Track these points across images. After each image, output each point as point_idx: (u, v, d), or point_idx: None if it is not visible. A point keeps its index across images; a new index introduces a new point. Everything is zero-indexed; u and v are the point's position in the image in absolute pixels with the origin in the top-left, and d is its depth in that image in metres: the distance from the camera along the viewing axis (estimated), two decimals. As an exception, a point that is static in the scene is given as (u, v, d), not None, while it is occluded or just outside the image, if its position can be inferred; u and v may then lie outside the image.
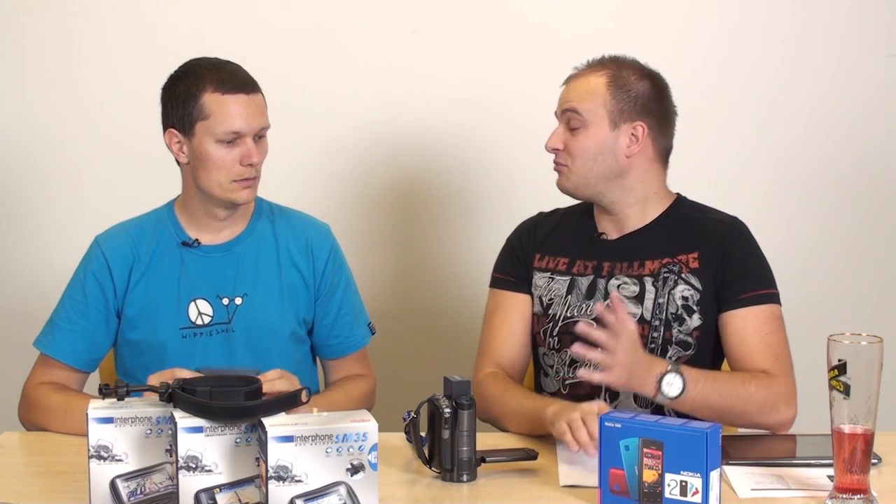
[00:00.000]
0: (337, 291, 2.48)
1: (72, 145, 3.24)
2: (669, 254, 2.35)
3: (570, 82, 2.41)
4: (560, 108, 2.40)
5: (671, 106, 2.40)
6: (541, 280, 2.43)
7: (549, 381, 2.40)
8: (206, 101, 2.29)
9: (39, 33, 3.21)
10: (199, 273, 2.39)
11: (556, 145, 2.38)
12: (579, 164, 2.35)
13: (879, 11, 3.22)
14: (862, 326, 1.95)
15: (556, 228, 2.48)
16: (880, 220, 3.28)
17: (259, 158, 2.33)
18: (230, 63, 2.36)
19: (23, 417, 2.37)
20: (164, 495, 1.82)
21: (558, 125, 2.40)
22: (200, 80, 2.30)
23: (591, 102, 2.34)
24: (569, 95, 2.39)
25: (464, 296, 3.26)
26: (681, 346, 2.32)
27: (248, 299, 2.40)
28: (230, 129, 2.29)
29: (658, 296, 2.33)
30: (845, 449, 1.79)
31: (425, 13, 3.22)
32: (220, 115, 2.28)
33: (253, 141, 2.32)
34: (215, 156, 2.30)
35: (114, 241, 2.42)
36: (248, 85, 2.32)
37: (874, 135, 3.25)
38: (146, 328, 2.38)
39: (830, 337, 1.81)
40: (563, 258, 2.43)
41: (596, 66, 2.40)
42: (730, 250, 2.33)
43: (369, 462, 1.74)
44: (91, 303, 2.38)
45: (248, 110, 2.30)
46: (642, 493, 1.78)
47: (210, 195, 2.35)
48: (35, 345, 2.42)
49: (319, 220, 2.55)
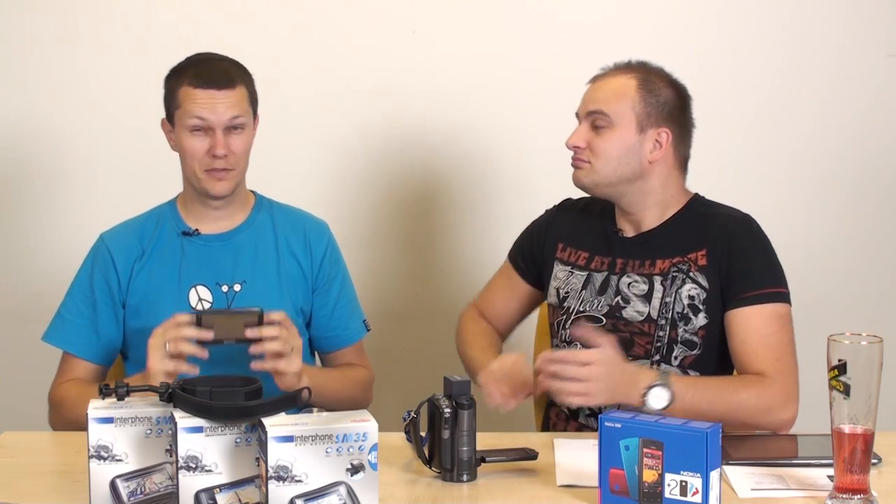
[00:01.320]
0: (334, 283, 2.53)
1: (73, 145, 3.24)
2: (680, 252, 2.36)
3: (598, 82, 2.39)
4: (585, 108, 2.38)
5: (692, 117, 2.42)
6: (561, 272, 2.46)
7: None
8: (181, 93, 2.39)
9: (41, 31, 3.21)
10: (198, 261, 2.45)
11: (579, 143, 2.36)
12: (602, 163, 2.34)
13: (879, 12, 3.22)
14: (862, 326, 1.95)
15: (579, 219, 2.50)
16: (880, 220, 3.28)
17: (228, 151, 2.37)
18: (219, 60, 2.42)
19: (52, 421, 2.42)
20: (164, 495, 1.82)
21: (581, 124, 2.38)
22: (180, 76, 2.40)
23: (619, 104, 2.33)
24: (595, 95, 2.37)
25: (464, 295, 3.25)
26: (686, 345, 2.33)
27: (247, 286, 2.44)
28: (196, 114, 2.36)
29: (665, 295, 2.33)
30: (845, 449, 1.79)
31: (425, 13, 3.23)
32: (188, 104, 2.37)
33: (225, 133, 2.37)
34: (187, 145, 2.39)
35: (118, 236, 2.48)
36: (222, 81, 2.38)
37: (874, 135, 3.25)
38: (148, 315, 2.40)
39: (830, 337, 1.81)
40: (583, 252, 2.45)
41: (624, 68, 2.38)
42: (736, 247, 2.32)
43: (369, 462, 1.74)
44: (98, 296, 2.43)
45: (219, 103, 2.36)
46: (642, 493, 1.78)
47: (193, 185, 2.43)
48: (44, 338, 2.45)
49: (317, 217, 2.59)
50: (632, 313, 2.36)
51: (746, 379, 2.25)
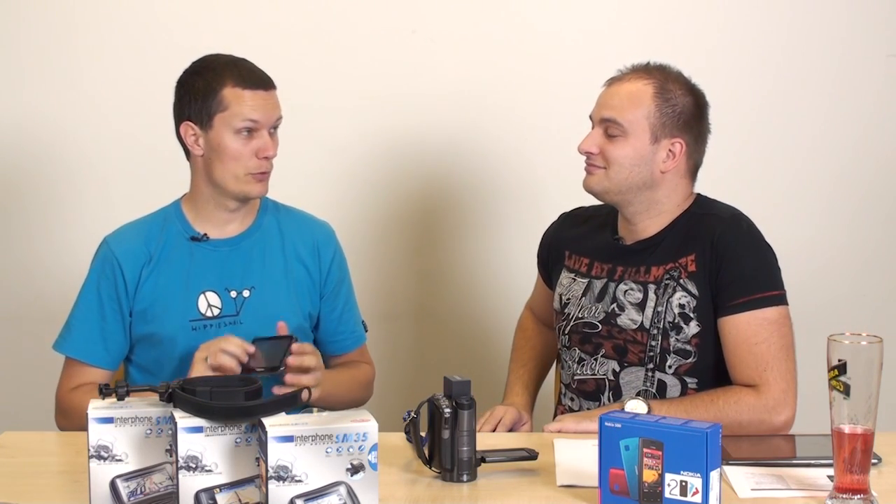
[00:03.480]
0: (342, 288, 2.54)
1: (75, 147, 3.24)
2: (672, 258, 2.34)
3: (613, 86, 2.35)
4: (599, 113, 2.34)
5: (708, 124, 2.39)
6: (566, 279, 2.47)
7: (563, 373, 2.48)
8: (225, 94, 2.35)
9: (41, 32, 3.22)
10: (207, 266, 2.43)
11: (591, 149, 2.34)
12: (615, 171, 2.32)
13: (879, 12, 3.21)
14: (862, 326, 1.95)
15: (583, 227, 2.51)
16: (880, 220, 3.27)
17: (274, 152, 2.38)
18: (245, 60, 2.42)
19: (61, 426, 2.42)
20: (164, 495, 1.82)
21: (594, 128, 2.35)
22: (220, 76, 2.36)
23: (634, 112, 2.30)
24: (611, 101, 2.33)
25: (464, 296, 3.27)
26: (680, 354, 2.31)
27: (256, 292, 2.43)
28: (249, 117, 2.34)
29: (657, 304, 2.32)
30: (845, 449, 1.79)
31: (425, 13, 3.23)
32: (238, 107, 2.35)
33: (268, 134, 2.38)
34: (232, 147, 2.35)
35: (123, 240, 2.46)
36: (266, 81, 2.39)
37: (875, 135, 3.25)
38: (157, 321, 2.41)
39: (830, 337, 1.81)
40: (585, 259, 2.45)
41: (642, 72, 2.34)
42: (724, 251, 2.29)
43: (369, 462, 1.74)
44: (106, 303, 2.42)
45: (268, 104, 2.38)
46: (642, 493, 1.78)
47: (224, 188, 2.40)
48: (54, 347, 2.45)
49: (322, 219, 2.59)
50: (626, 321, 2.35)
51: (731, 394, 2.23)
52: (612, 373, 2.36)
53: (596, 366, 2.36)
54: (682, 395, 2.32)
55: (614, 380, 2.35)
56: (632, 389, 2.34)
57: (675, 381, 2.32)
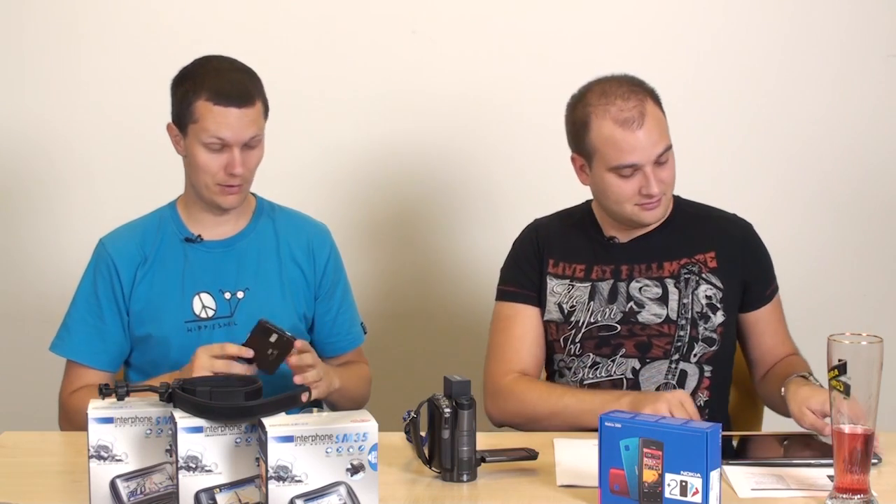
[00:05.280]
0: (338, 289, 2.53)
1: (70, 148, 3.24)
2: (687, 254, 2.40)
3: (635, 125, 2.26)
4: (648, 155, 2.27)
5: None
6: (559, 287, 2.43)
7: (565, 382, 2.43)
8: (198, 106, 2.32)
9: (39, 35, 3.21)
10: (202, 267, 2.43)
11: (665, 190, 2.33)
12: (670, 191, 2.37)
13: (879, 12, 3.21)
14: (862, 326, 1.95)
15: (561, 233, 2.47)
16: (880, 220, 3.27)
17: (244, 168, 2.35)
18: (235, 70, 2.37)
19: (64, 430, 2.41)
20: (164, 495, 1.82)
21: (645, 168, 2.28)
22: (197, 87, 2.33)
23: (666, 128, 2.33)
24: (651, 137, 2.27)
25: (464, 296, 3.26)
26: (706, 342, 2.38)
27: (250, 293, 2.43)
28: (216, 135, 2.32)
29: (682, 296, 2.37)
30: (845, 449, 1.79)
31: (425, 13, 3.22)
32: (208, 122, 2.32)
33: (241, 150, 2.34)
34: (201, 159, 2.35)
35: (119, 241, 2.45)
36: (242, 98, 2.33)
37: (874, 135, 3.25)
38: (151, 323, 2.40)
39: (830, 337, 1.81)
40: (578, 264, 2.43)
41: (638, 92, 2.31)
42: (752, 252, 2.43)
43: (369, 462, 1.74)
44: (104, 303, 2.42)
45: (240, 122, 2.32)
46: (642, 493, 1.78)
47: (200, 195, 2.41)
48: (52, 349, 2.44)
49: (318, 220, 2.58)
50: (648, 317, 2.37)
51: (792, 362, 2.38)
52: (632, 371, 2.37)
53: (613, 367, 2.37)
54: (699, 384, 2.37)
55: (633, 378, 2.36)
56: (652, 385, 2.36)
57: (695, 370, 2.37)
